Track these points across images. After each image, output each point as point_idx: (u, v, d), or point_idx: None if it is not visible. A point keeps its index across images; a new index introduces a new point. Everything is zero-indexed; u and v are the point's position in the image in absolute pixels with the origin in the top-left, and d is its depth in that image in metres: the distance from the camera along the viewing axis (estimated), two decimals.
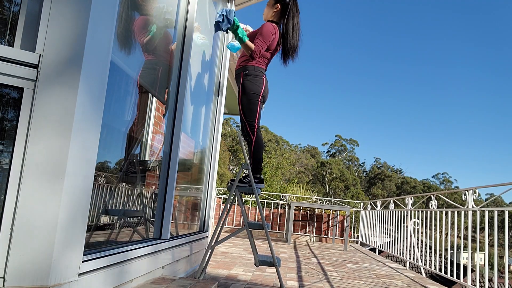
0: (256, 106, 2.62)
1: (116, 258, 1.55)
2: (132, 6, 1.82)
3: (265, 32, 2.62)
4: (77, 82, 1.22)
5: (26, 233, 1.14)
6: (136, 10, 1.89)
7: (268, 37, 2.63)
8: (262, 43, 2.60)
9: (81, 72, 1.23)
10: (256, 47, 2.57)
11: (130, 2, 1.78)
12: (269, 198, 8.54)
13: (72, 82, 1.22)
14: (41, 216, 1.15)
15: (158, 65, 2.18)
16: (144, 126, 2.07)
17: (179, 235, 2.64)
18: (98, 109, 1.34)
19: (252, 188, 2.51)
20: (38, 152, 1.18)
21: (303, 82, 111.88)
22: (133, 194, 2.01)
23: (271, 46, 2.69)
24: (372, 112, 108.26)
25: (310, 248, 6.24)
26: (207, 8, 3.04)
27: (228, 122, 51.83)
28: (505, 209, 3.13)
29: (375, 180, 66.19)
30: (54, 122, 1.19)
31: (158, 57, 2.18)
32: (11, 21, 1.28)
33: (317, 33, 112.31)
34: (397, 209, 5.91)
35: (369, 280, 3.54)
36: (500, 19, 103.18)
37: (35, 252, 1.14)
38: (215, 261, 3.79)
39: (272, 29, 2.66)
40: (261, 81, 2.65)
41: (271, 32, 2.64)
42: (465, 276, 3.73)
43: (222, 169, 34.39)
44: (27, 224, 1.14)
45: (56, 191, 1.17)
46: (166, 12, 2.04)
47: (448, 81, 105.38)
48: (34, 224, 1.15)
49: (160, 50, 2.20)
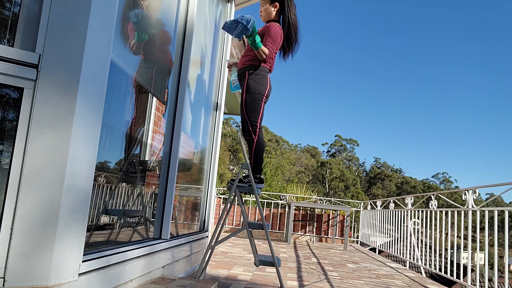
0: (259, 106, 2.62)
1: (116, 258, 1.55)
2: (132, 5, 1.82)
3: (274, 34, 2.61)
4: (77, 82, 1.22)
5: (26, 233, 1.14)
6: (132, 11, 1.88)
7: (278, 39, 2.63)
8: (273, 46, 2.60)
9: (81, 72, 1.23)
10: (269, 51, 2.57)
11: (131, 2, 1.78)
12: (269, 198, 8.54)
13: (72, 82, 1.22)
14: (41, 216, 1.15)
15: (154, 64, 2.17)
16: (144, 126, 2.07)
17: (179, 235, 2.64)
18: (98, 109, 1.34)
19: (252, 188, 2.51)
20: (38, 152, 1.18)
21: (303, 82, 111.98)
22: (133, 194, 2.01)
23: (278, 46, 2.70)
24: (372, 112, 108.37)
25: (310, 248, 6.24)
26: (207, 8, 3.04)
27: (228, 122, 51.84)
28: (505, 209, 3.13)
29: (375, 180, 66.20)
30: (54, 122, 1.19)
31: (153, 56, 2.17)
32: (11, 21, 1.28)
33: (317, 33, 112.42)
34: (397, 209, 5.91)
35: (369, 280, 3.54)
36: (500, 19, 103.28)
37: (35, 252, 1.14)
38: (215, 261, 3.79)
39: (280, 30, 2.66)
40: (266, 81, 2.65)
41: (279, 33, 2.65)
42: (465, 276, 3.73)
43: (222, 169, 34.40)
44: (27, 224, 1.14)
45: (56, 191, 1.17)
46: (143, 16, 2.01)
47: (448, 81, 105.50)
48: (34, 224, 1.15)
49: (154, 50, 2.20)
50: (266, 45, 2.57)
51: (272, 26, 2.63)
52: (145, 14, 2.02)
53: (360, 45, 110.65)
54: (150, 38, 2.09)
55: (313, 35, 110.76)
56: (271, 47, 2.58)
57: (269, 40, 2.59)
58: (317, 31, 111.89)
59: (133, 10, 1.85)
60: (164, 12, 2.27)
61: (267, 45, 2.57)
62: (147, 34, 2.04)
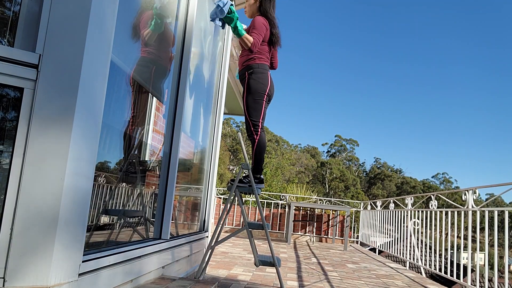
0: (261, 105, 2.62)
1: (116, 258, 1.55)
2: (134, 4, 1.82)
3: (258, 25, 2.65)
4: (77, 82, 1.22)
5: (26, 233, 1.14)
6: (140, 6, 1.88)
7: (262, 28, 2.66)
8: (258, 35, 2.63)
9: (81, 72, 1.23)
10: (254, 40, 2.59)
11: (131, 2, 1.78)
12: (269, 198, 8.54)
13: (72, 82, 1.22)
14: (41, 216, 1.15)
15: (154, 63, 2.17)
16: (143, 126, 2.07)
17: (179, 235, 2.64)
18: (98, 108, 1.34)
19: (252, 188, 2.51)
20: (38, 152, 1.18)
21: (303, 82, 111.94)
22: (133, 194, 2.01)
23: (266, 37, 2.71)
24: (372, 112, 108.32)
25: (310, 248, 6.24)
26: (207, 8, 3.04)
27: (228, 122, 51.83)
28: (505, 209, 3.13)
29: (375, 180, 66.18)
30: (54, 122, 1.19)
31: (155, 55, 2.17)
32: (11, 21, 1.28)
33: (317, 33, 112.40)
34: (397, 209, 5.91)
35: (369, 280, 3.54)
36: (500, 19, 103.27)
37: (35, 252, 1.14)
38: (215, 261, 3.79)
39: (264, 21, 2.69)
40: (267, 78, 2.67)
41: (263, 23, 2.68)
42: (465, 276, 3.73)
43: (222, 169, 34.39)
44: (27, 224, 1.14)
45: (56, 191, 1.17)
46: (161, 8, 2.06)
47: (448, 81, 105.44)
48: (34, 224, 1.15)
49: (159, 48, 2.20)
50: (252, 35, 2.60)
51: (256, 19, 2.68)
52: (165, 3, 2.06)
53: (360, 45, 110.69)
54: (160, 34, 2.11)
55: (313, 35, 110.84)
56: (256, 36, 2.60)
57: (253, 31, 2.64)
58: (317, 31, 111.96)
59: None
60: (164, 13, 2.27)
61: (252, 35, 2.60)
62: (163, 25, 2.07)
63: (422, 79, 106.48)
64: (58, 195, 1.17)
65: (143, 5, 1.95)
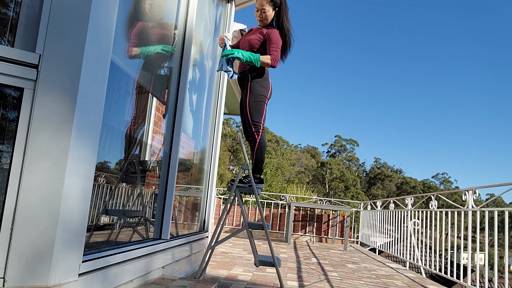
0: (263, 107, 2.68)
1: (116, 258, 1.55)
2: (135, 8, 1.82)
3: (277, 39, 2.66)
4: (77, 82, 1.22)
5: (26, 234, 1.14)
6: (137, 15, 1.88)
7: (280, 43, 2.68)
8: (277, 51, 2.64)
9: (81, 72, 1.23)
10: (275, 56, 2.62)
11: (132, 4, 1.78)
12: (269, 198, 8.54)
13: (72, 82, 1.22)
14: (41, 217, 1.15)
15: (154, 66, 2.18)
16: (144, 126, 2.07)
17: (179, 235, 2.64)
18: (98, 108, 1.34)
19: (252, 188, 2.51)
20: (38, 152, 1.17)
21: (303, 82, 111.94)
22: (133, 194, 2.01)
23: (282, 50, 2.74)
24: (372, 112, 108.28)
25: (310, 248, 6.24)
26: (207, 9, 3.04)
27: (228, 122, 51.83)
28: (505, 209, 3.13)
29: (375, 180, 66.17)
30: (54, 122, 1.19)
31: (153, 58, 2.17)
32: (11, 21, 1.28)
33: (318, 33, 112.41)
34: (397, 209, 5.91)
35: (369, 280, 3.54)
36: (501, 19, 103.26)
37: (35, 252, 1.14)
38: (215, 261, 3.79)
39: (279, 35, 2.69)
40: (268, 83, 2.73)
41: (280, 38, 2.68)
42: (465, 276, 3.73)
43: (222, 169, 34.39)
44: (27, 224, 1.14)
45: (56, 191, 1.17)
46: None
47: (448, 81, 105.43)
48: (34, 224, 1.15)
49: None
50: (272, 53, 2.60)
51: (273, 33, 2.67)
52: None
53: (360, 45, 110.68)
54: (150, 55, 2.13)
55: (313, 35, 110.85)
56: (276, 54, 2.63)
57: (272, 46, 2.64)
58: (317, 31, 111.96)
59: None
60: (164, 13, 2.27)
61: (272, 52, 2.61)
62: (151, 55, 2.09)
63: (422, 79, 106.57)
64: (58, 195, 1.17)
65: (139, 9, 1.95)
